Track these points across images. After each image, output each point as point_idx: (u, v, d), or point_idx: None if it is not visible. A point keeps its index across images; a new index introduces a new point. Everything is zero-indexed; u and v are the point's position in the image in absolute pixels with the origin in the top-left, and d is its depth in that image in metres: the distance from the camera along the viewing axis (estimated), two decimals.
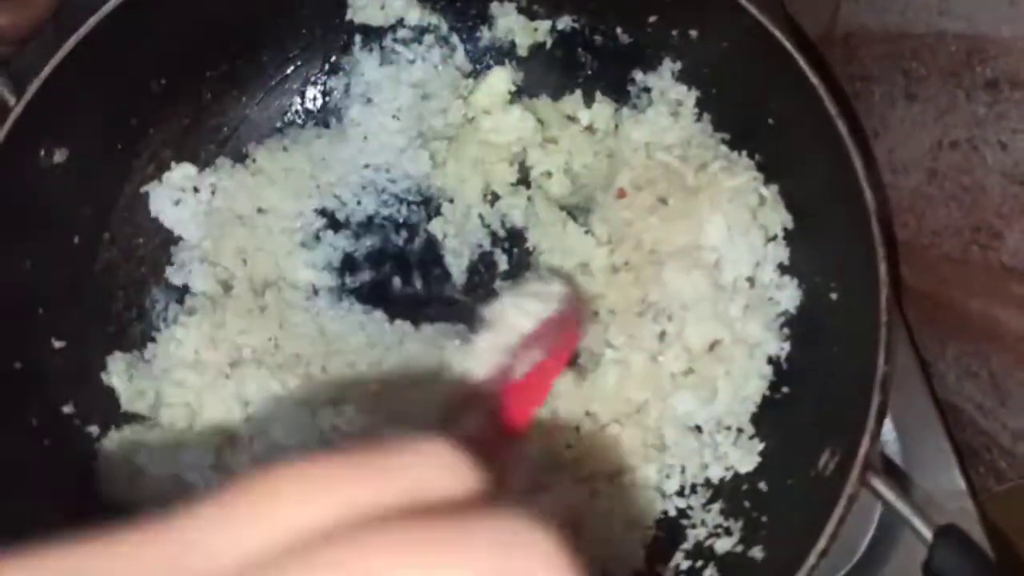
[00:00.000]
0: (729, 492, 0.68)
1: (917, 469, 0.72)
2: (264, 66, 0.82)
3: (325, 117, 0.84)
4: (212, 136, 0.82)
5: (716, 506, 0.68)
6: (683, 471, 0.69)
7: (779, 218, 0.70)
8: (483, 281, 0.79)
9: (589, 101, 0.79)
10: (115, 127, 0.75)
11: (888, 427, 0.72)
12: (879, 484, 0.55)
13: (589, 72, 0.81)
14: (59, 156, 0.69)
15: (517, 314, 0.57)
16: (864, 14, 0.79)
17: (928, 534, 0.53)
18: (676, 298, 0.69)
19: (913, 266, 0.78)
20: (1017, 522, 0.70)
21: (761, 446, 0.68)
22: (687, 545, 0.68)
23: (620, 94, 0.80)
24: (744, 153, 0.73)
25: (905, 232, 0.78)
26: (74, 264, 0.74)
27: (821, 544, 0.53)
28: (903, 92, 0.75)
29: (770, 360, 0.69)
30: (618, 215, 0.73)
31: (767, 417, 0.69)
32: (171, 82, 0.78)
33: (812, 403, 0.66)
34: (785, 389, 0.69)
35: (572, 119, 0.79)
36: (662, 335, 0.69)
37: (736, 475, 0.68)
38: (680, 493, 0.69)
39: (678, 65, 0.76)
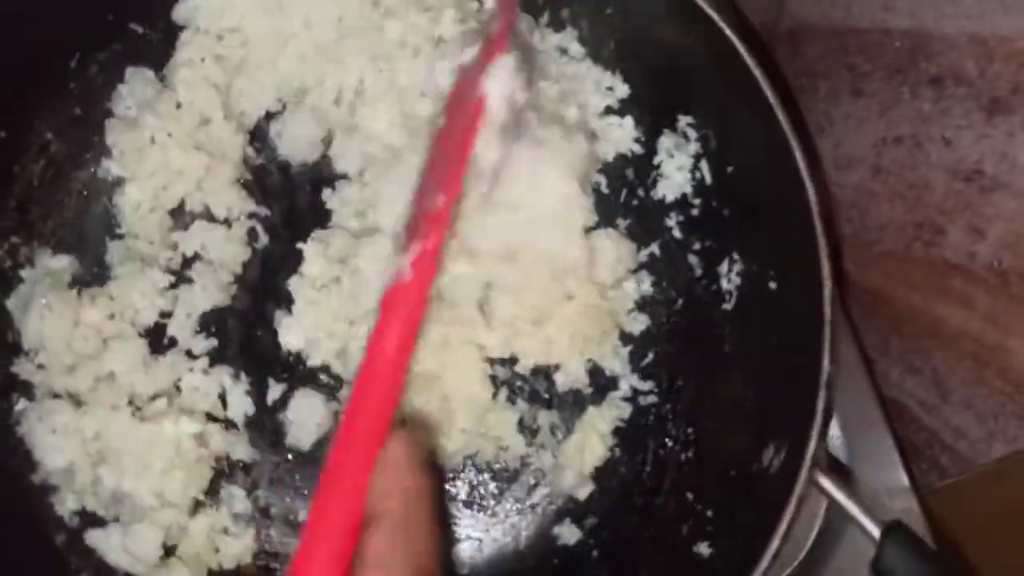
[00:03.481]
0: (673, 481, 0.68)
1: (861, 465, 0.72)
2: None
3: None
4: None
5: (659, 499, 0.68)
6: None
7: None
8: None
9: None
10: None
11: (832, 424, 0.72)
12: (826, 483, 0.55)
13: None
14: None
15: None
16: (809, 9, 0.79)
17: (876, 532, 0.53)
18: None
19: (857, 262, 0.79)
20: (959, 517, 0.70)
21: None
22: None
23: None
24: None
25: (849, 227, 0.78)
26: None
27: (774, 545, 0.53)
28: (848, 88, 0.75)
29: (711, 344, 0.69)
30: None
31: (709, 406, 0.69)
32: (56, 66, 0.72)
33: (754, 396, 0.66)
34: (727, 379, 0.69)
35: None
36: None
37: (680, 463, 0.67)
38: None
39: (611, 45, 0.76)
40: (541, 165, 0.70)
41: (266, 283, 0.75)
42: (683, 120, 0.75)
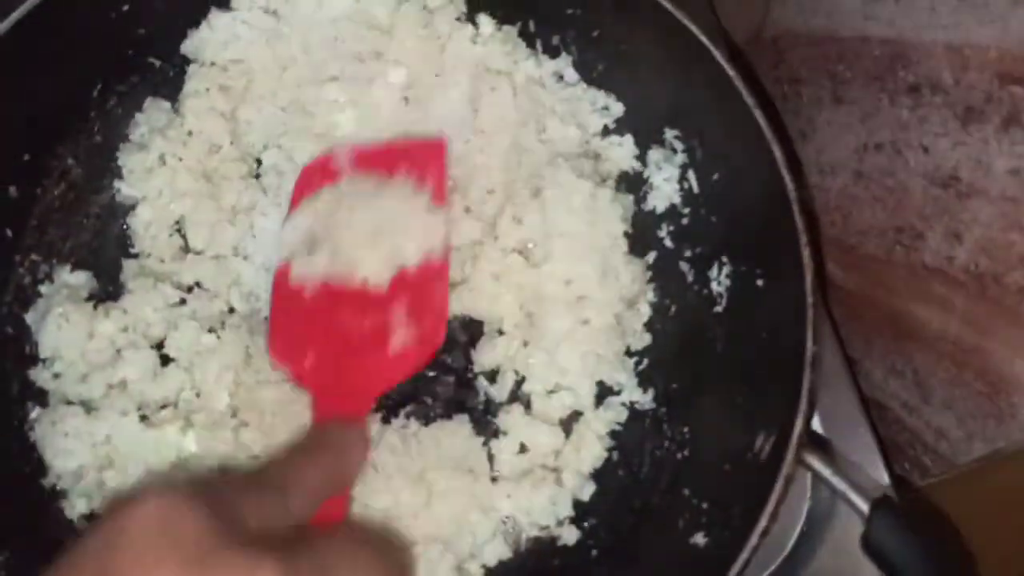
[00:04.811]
0: (669, 480, 0.69)
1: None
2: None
3: None
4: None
5: (656, 498, 0.69)
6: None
7: None
8: None
9: None
10: (21, 145, 0.73)
11: (816, 423, 0.73)
12: (814, 460, 0.56)
13: None
14: None
15: None
16: (792, 17, 0.81)
17: (865, 507, 0.54)
18: None
19: (840, 265, 0.80)
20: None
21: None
22: None
23: None
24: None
25: (832, 231, 0.79)
26: None
27: (761, 524, 0.53)
28: (830, 95, 0.77)
29: (704, 346, 0.71)
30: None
31: (703, 405, 0.69)
32: (78, 96, 0.76)
33: (746, 390, 0.67)
34: (719, 377, 0.70)
35: None
36: None
37: (676, 462, 0.68)
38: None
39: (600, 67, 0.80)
40: (579, 225, 0.75)
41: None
42: (670, 133, 0.78)
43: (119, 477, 0.68)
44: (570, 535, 0.72)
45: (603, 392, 0.76)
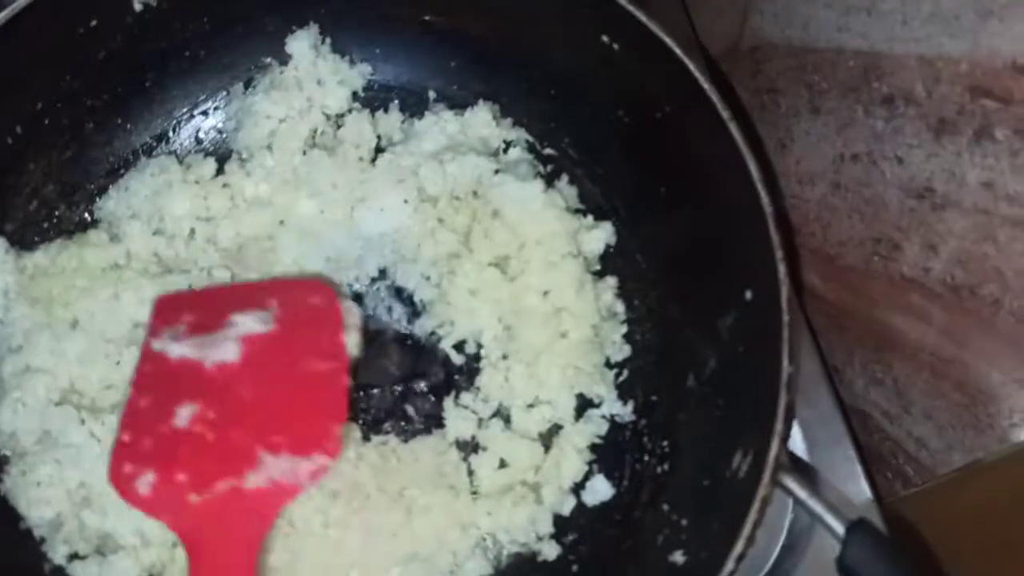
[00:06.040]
0: (649, 495, 0.69)
1: (824, 476, 0.72)
2: (152, 94, 0.79)
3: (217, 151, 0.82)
4: (97, 169, 0.78)
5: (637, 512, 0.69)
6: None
7: None
8: None
9: None
10: None
11: (796, 434, 0.73)
12: (791, 483, 0.56)
13: None
14: None
15: None
16: (768, 28, 0.81)
17: (840, 530, 0.54)
18: None
19: (820, 275, 0.80)
20: (921, 526, 0.71)
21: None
22: None
23: None
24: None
25: (812, 242, 0.79)
26: None
27: (738, 548, 0.53)
28: (807, 105, 0.77)
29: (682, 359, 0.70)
30: None
31: (682, 418, 0.69)
32: (50, 110, 0.74)
33: (723, 404, 0.67)
34: (697, 391, 0.70)
35: None
36: None
37: (656, 476, 0.68)
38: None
39: None
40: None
41: None
42: None
43: (97, 516, 0.67)
44: (550, 550, 0.72)
45: (583, 405, 0.75)
